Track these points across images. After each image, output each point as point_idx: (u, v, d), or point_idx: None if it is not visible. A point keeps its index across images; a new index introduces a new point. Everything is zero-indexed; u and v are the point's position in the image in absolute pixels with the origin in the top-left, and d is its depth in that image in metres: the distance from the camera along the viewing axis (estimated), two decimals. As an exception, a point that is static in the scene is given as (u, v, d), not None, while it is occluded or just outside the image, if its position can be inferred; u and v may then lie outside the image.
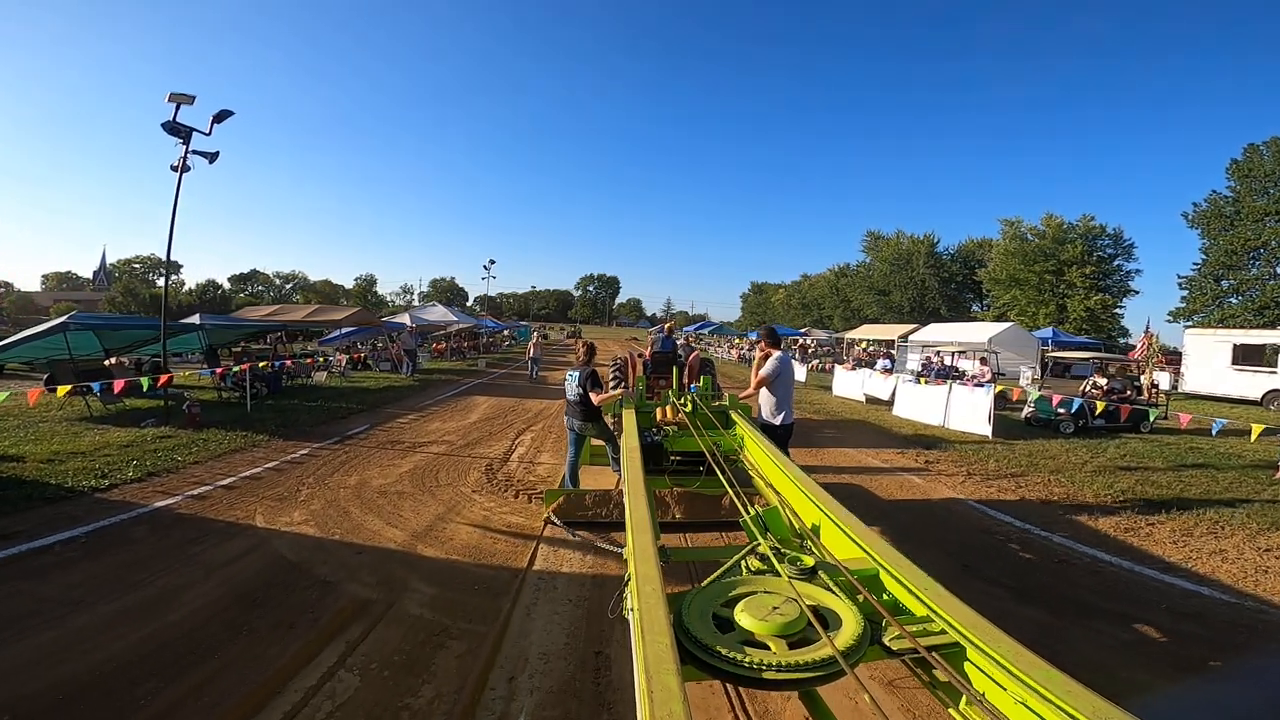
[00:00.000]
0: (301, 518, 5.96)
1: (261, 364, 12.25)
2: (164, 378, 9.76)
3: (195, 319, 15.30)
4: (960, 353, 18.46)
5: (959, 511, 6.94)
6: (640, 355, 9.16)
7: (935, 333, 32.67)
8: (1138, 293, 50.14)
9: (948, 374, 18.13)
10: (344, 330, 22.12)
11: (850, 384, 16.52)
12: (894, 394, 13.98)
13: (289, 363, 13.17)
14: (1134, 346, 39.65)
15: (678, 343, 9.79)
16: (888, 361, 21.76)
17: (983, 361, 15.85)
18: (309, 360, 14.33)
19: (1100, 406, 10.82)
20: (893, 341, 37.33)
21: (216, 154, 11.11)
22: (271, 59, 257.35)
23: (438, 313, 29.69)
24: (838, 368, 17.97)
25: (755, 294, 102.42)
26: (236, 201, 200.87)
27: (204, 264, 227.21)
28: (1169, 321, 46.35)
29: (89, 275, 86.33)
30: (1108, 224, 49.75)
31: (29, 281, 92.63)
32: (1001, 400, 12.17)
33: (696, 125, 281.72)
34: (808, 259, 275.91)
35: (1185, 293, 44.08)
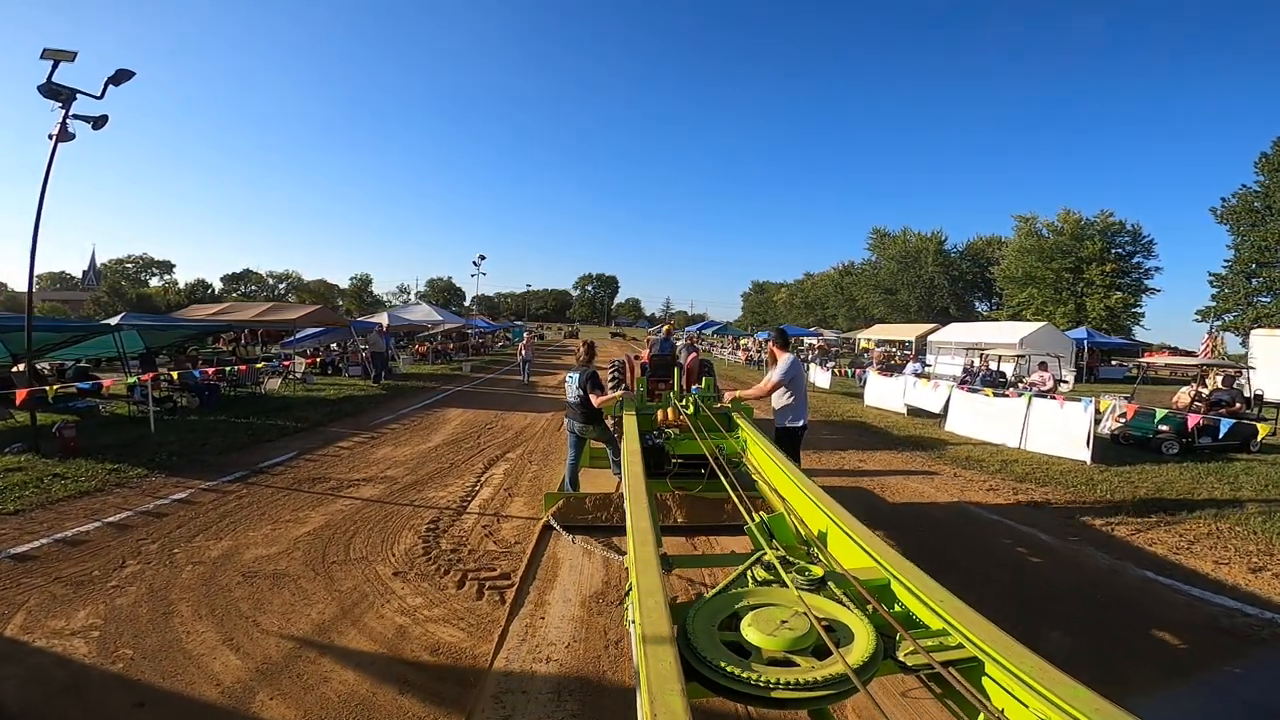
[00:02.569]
0: (86, 621, 3.69)
1: (175, 373, 9.92)
2: (21, 394, 7.44)
3: (116, 320, 12.94)
4: (1019, 357, 16.09)
5: (1146, 590, 4.65)
6: (637, 357, 8.57)
7: (958, 333, 30.40)
8: (1159, 291, 48.26)
9: (994, 380, 15.85)
10: (311, 331, 19.78)
11: (886, 393, 14.17)
12: (946, 406, 11.66)
13: (212, 371, 10.79)
14: (1152, 347, 37.88)
15: (677, 344, 8.83)
16: (918, 365, 19.42)
17: (1043, 367, 13.53)
18: (242, 368, 11.94)
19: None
20: (910, 342, 35.14)
21: (104, 119, 8.90)
22: (272, 55, 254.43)
23: (421, 312, 27.35)
24: (870, 373, 15.62)
25: (757, 293, 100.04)
26: (234, 201, 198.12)
27: (201, 264, 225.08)
28: (1197, 321, 44.38)
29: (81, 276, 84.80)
30: (1126, 220, 47.77)
31: (25, 281, 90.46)
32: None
33: (696, 122, 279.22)
34: (810, 257, 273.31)
35: (1215, 291, 42.08)
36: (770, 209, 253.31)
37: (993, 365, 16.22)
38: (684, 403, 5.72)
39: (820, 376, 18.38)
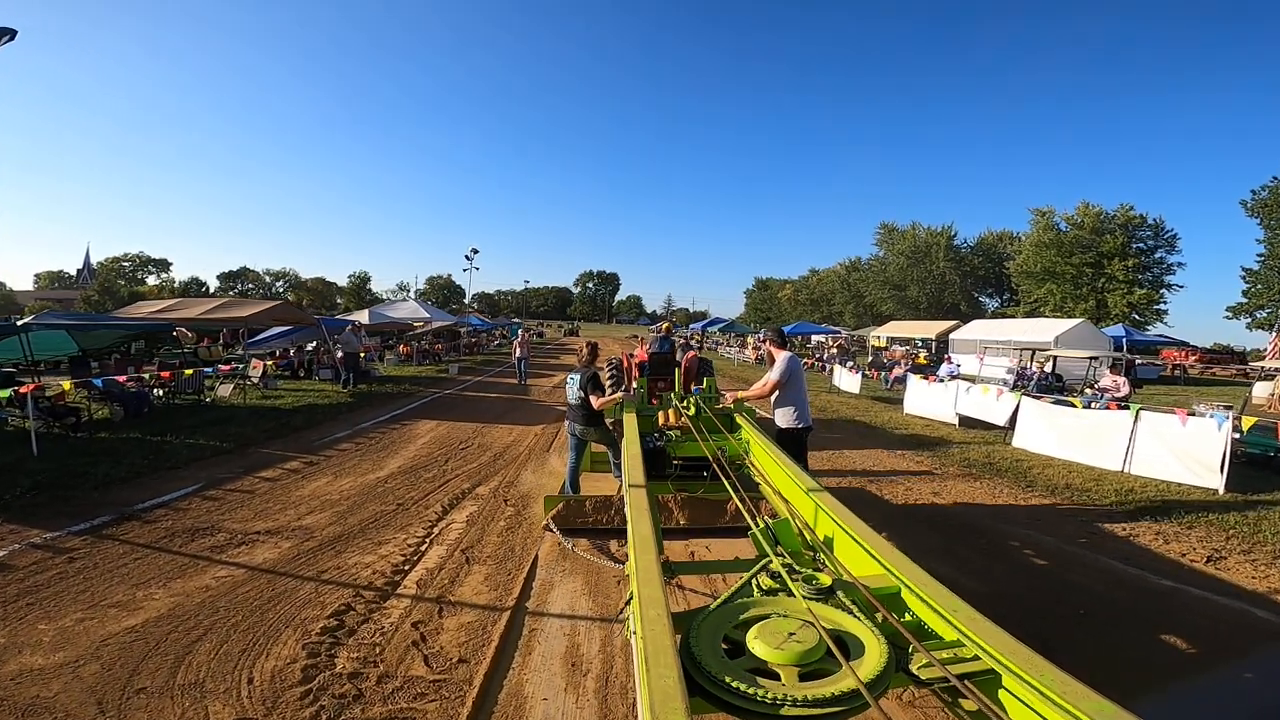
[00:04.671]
0: None
1: (66, 383, 8.03)
2: None
3: (27, 319, 11.05)
4: (1092, 358, 14.07)
5: None
6: (632, 356, 8.23)
7: (981, 330, 28.51)
8: (1182, 287, 46.36)
9: (1050, 385, 13.93)
10: (278, 330, 17.92)
11: (933, 400, 12.21)
12: (1014, 418, 9.73)
13: (124, 378, 8.89)
14: (1185, 345, 35.92)
15: (675, 343, 8.36)
16: (953, 367, 17.47)
17: (1114, 370, 11.62)
18: (172, 373, 10.09)
19: None
20: (927, 340, 33.16)
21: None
22: (279, 51, 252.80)
23: (407, 309, 25.45)
24: (911, 377, 13.64)
25: (760, 290, 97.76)
26: (232, 199, 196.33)
27: (199, 262, 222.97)
28: (1227, 318, 42.36)
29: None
30: (1148, 214, 45.84)
31: (24, 280, 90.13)
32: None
33: (698, 118, 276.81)
34: (815, 253, 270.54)
35: (1246, 286, 40.11)
36: (773, 205, 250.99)
37: (1046, 368, 14.27)
38: (685, 404, 5.55)
39: (848, 380, 16.39)
